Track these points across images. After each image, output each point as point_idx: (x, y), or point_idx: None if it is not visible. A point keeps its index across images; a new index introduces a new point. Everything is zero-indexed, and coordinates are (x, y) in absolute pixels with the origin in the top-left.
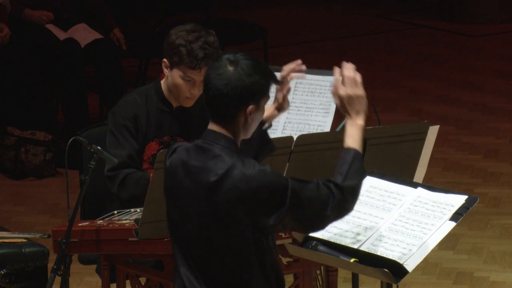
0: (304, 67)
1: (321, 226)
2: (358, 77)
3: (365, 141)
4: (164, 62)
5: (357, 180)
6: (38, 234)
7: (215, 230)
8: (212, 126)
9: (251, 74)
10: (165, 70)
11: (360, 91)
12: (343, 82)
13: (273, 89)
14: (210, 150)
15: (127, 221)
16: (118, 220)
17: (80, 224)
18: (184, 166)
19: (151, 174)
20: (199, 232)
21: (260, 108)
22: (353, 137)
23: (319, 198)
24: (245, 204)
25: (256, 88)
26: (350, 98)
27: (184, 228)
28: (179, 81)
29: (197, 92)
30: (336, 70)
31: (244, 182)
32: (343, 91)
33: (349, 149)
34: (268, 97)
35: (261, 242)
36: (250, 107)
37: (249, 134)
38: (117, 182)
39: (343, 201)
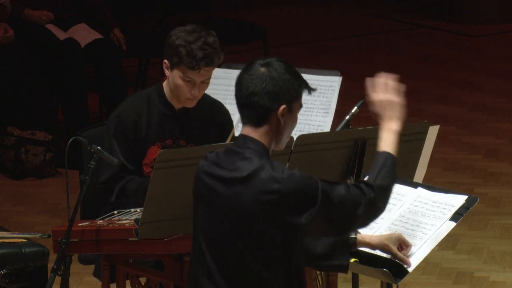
0: None
1: (353, 227)
2: (391, 82)
3: (365, 141)
4: (165, 63)
5: (388, 180)
6: (38, 234)
7: (237, 225)
8: (244, 131)
9: (283, 73)
10: (166, 71)
11: (392, 96)
12: (374, 88)
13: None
14: (240, 153)
15: (127, 221)
16: (118, 220)
17: (80, 224)
18: (213, 168)
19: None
20: (225, 232)
21: (292, 112)
22: (385, 141)
23: (350, 198)
24: (272, 205)
25: (287, 88)
26: (382, 103)
27: (209, 228)
28: (179, 81)
29: (198, 92)
30: (368, 79)
31: (273, 184)
32: (375, 96)
33: (381, 153)
34: (301, 105)
35: (289, 245)
36: (282, 107)
37: (281, 144)
38: (114, 195)
39: (375, 199)
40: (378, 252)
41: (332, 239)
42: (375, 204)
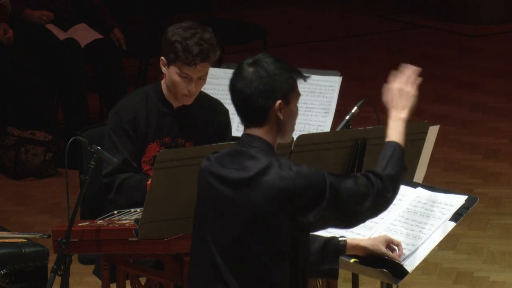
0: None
1: (363, 218)
2: (413, 75)
3: (365, 141)
4: (162, 60)
5: (396, 169)
6: (38, 234)
7: (248, 225)
8: (246, 131)
9: (272, 69)
10: (163, 68)
11: (411, 88)
12: (397, 78)
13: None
14: (245, 152)
15: (127, 221)
16: (118, 220)
17: (80, 224)
18: (219, 169)
19: (149, 180)
20: (236, 233)
21: (290, 103)
22: (395, 130)
23: (358, 190)
24: (282, 204)
25: (278, 82)
26: (394, 91)
27: (220, 231)
28: (176, 78)
29: (194, 88)
30: (393, 71)
31: (281, 182)
32: (395, 84)
33: (389, 142)
34: (298, 94)
35: (297, 244)
36: (278, 102)
37: (288, 137)
38: (114, 188)
39: (383, 190)
40: None
41: (321, 245)
42: (384, 195)
